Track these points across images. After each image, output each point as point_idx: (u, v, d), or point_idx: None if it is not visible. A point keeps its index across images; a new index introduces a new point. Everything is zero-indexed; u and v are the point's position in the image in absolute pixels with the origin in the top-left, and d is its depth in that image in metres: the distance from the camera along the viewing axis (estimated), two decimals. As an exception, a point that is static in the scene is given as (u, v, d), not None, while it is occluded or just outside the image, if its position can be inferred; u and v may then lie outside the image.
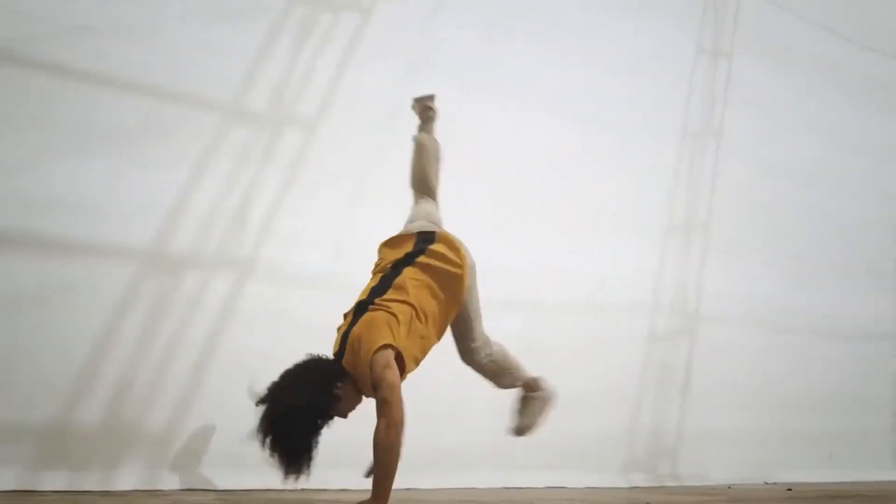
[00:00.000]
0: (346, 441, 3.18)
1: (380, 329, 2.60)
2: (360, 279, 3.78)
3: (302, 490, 3.50)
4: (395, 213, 3.61)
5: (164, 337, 3.46)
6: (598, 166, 5.13)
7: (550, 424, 4.53)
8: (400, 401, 2.53)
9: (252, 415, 3.54)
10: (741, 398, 5.40)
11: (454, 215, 4.34)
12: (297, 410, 2.49)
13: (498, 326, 4.47)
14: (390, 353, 2.57)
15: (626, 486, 4.66)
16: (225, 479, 3.41)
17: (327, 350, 3.78)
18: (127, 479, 3.22)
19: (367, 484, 2.67)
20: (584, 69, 5.11)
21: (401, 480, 3.26)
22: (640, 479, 4.77)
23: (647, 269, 5.24)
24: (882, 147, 6.76)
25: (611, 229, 5.08)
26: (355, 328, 2.65)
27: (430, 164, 3.31)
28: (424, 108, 3.52)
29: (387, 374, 2.52)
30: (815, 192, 6.14)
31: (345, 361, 2.65)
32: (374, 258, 3.22)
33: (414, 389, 3.34)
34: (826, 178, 6.22)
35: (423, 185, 3.31)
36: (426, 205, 3.25)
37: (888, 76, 6.98)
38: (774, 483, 5.24)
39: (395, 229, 3.33)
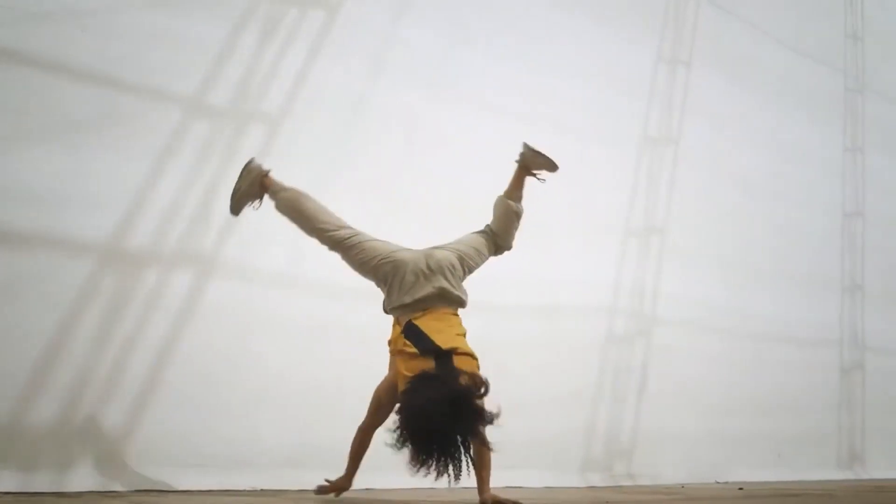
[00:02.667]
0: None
1: None
2: (321, 276, 3.78)
3: (262, 491, 3.47)
4: (355, 211, 3.61)
5: (121, 334, 3.39)
6: (559, 171, 5.18)
7: (510, 423, 4.60)
8: None
9: (212, 412, 3.55)
10: (694, 400, 5.53)
11: (415, 219, 4.38)
12: None
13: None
14: None
15: (582, 485, 4.72)
16: (183, 480, 3.35)
17: (285, 347, 3.79)
18: (81, 480, 3.14)
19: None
20: (545, 75, 5.17)
21: (360, 481, 3.29)
22: (596, 479, 4.84)
23: (605, 273, 5.33)
24: (829, 158, 7.02)
25: (570, 233, 5.15)
26: None
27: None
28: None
29: None
30: (766, 201, 6.35)
31: None
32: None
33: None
34: (776, 187, 6.44)
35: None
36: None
37: (836, 89, 7.26)
38: (725, 482, 5.37)
39: (355, 225, 3.31)
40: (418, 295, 3.01)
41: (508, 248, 3.48)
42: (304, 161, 4.00)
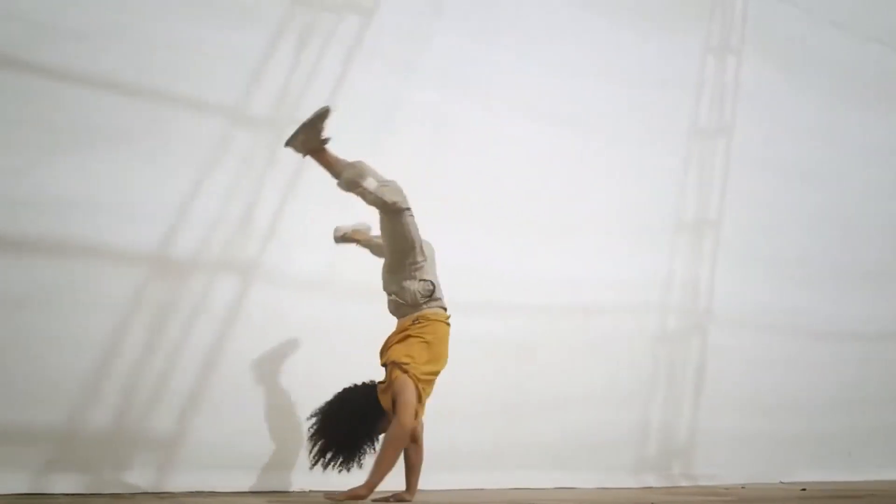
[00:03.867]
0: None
1: None
2: (361, 283, 3.81)
3: (310, 492, 3.52)
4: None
5: (169, 340, 3.50)
6: (608, 169, 5.12)
7: (561, 424, 4.56)
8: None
9: (258, 416, 3.62)
10: (754, 398, 5.35)
11: (449, 219, 4.39)
12: None
13: (510, 328, 4.51)
14: None
15: (637, 486, 4.62)
16: (231, 481, 3.43)
17: (328, 352, 3.83)
18: (135, 482, 3.25)
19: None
20: (590, 73, 5.10)
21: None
22: (651, 480, 4.74)
23: (656, 270, 5.21)
24: (893, 149, 6.68)
25: (617, 231, 5.06)
26: None
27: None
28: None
29: None
30: (825, 193, 6.08)
31: None
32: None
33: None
34: (834, 178, 6.15)
35: None
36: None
37: (898, 74, 6.91)
38: (791, 483, 5.18)
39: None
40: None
41: (381, 205, 3.13)
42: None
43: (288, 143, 3.19)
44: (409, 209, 3.10)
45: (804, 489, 4.71)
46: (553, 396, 4.59)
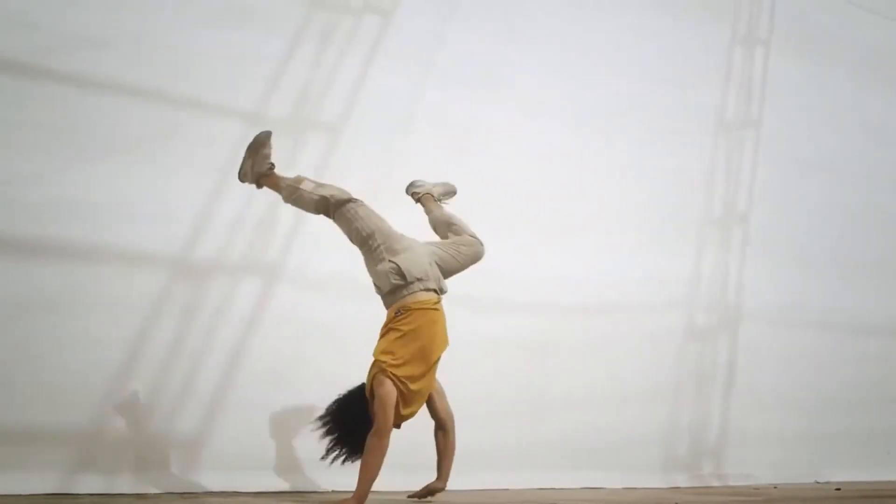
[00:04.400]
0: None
1: None
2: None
3: (333, 492, 3.52)
4: (412, 214, 3.63)
5: (192, 341, 3.53)
6: (633, 165, 5.06)
7: (587, 424, 4.50)
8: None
9: (280, 417, 3.64)
10: (787, 396, 5.23)
11: (488, 223, 4.35)
12: None
13: (534, 327, 4.47)
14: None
15: (665, 486, 4.55)
16: (254, 482, 3.44)
17: (351, 352, 3.82)
18: (159, 482, 3.29)
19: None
20: (612, 69, 5.04)
21: (428, 481, 3.28)
22: (680, 480, 4.65)
23: (682, 266, 5.12)
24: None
25: (646, 227, 4.99)
26: None
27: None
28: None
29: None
30: (858, 186, 5.92)
31: None
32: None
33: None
34: (868, 171, 5.98)
35: None
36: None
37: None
38: (826, 483, 5.05)
39: (418, 232, 3.34)
40: None
41: (322, 203, 3.15)
42: (361, 166, 4.05)
43: (240, 177, 3.28)
44: (352, 200, 3.09)
45: (839, 489, 4.59)
46: (579, 395, 4.54)
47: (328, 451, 3.02)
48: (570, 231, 4.73)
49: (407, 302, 2.98)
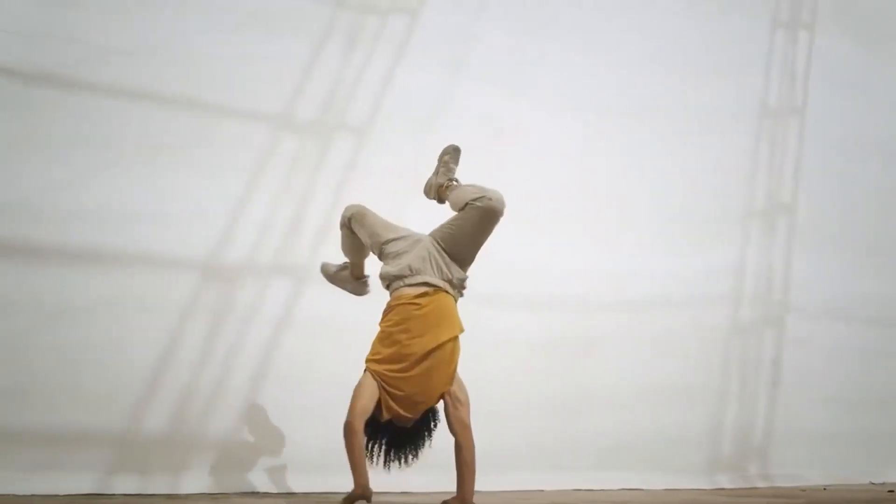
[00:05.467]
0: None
1: None
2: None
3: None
4: (444, 214, 3.58)
5: (224, 344, 3.57)
6: (672, 157, 4.93)
7: (626, 423, 4.39)
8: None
9: (312, 418, 3.63)
10: (839, 394, 5.04)
11: (523, 221, 4.29)
12: None
13: (573, 323, 4.39)
14: None
15: (709, 487, 4.41)
16: (285, 483, 3.46)
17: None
18: (192, 483, 3.32)
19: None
20: (647, 59, 4.93)
21: None
22: (725, 480, 4.51)
23: (727, 259, 4.97)
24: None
25: (687, 219, 4.86)
26: None
27: None
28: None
29: None
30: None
31: None
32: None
33: (473, 392, 3.32)
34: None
35: None
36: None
37: None
38: (882, 484, 4.84)
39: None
40: None
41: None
42: (390, 167, 4.04)
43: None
44: (350, 218, 3.14)
45: (891, 491, 4.39)
46: (618, 394, 4.44)
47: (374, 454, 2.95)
48: (608, 226, 4.64)
49: (389, 301, 2.97)
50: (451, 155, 3.28)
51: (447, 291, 2.92)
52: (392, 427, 2.88)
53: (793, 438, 4.83)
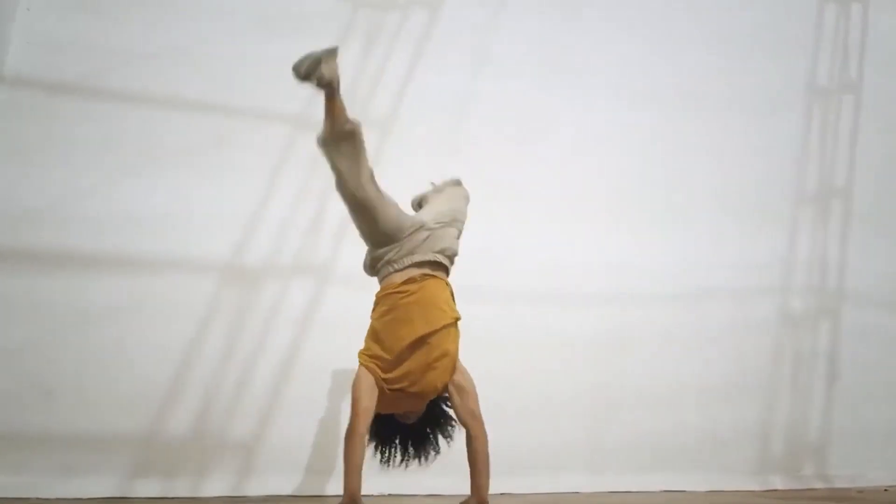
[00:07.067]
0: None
1: None
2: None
3: (389, 496, 3.46)
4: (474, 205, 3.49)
5: (246, 346, 3.56)
6: (717, 143, 4.71)
7: (670, 422, 4.20)
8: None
9: (335, 420, 3.59)
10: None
11: (562, 213, 4.18)
12: None
13: (612, 319, 4.23)
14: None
15: (760, 488, 4.18)
16: (307, 486, 3.43)
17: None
18: (214, 486, 3.33)
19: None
20: (687, 38, 4.73)
21: (496, 485, 3.11)
22: (778, 481, 4.26)
23: (777, 248, 4.71)
24: None
25: (734, 208, 4.63)
26: None
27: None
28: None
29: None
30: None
31: None
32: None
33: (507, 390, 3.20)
34: None
35: None
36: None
37: None
38: (954, 484, 4.50)
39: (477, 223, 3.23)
40: None
41: None
42: (416, 162, 3.96)
43: (310, 76, 2.79)
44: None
45: (958, 492, 4.07)
46: (661, 391, 4.25)
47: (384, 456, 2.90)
48: (648, 217, 4.46)
49: (377, 292, 2.88)
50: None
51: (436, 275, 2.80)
52: (401, 425, 2.79)
53: (852, 436, 4.53)
